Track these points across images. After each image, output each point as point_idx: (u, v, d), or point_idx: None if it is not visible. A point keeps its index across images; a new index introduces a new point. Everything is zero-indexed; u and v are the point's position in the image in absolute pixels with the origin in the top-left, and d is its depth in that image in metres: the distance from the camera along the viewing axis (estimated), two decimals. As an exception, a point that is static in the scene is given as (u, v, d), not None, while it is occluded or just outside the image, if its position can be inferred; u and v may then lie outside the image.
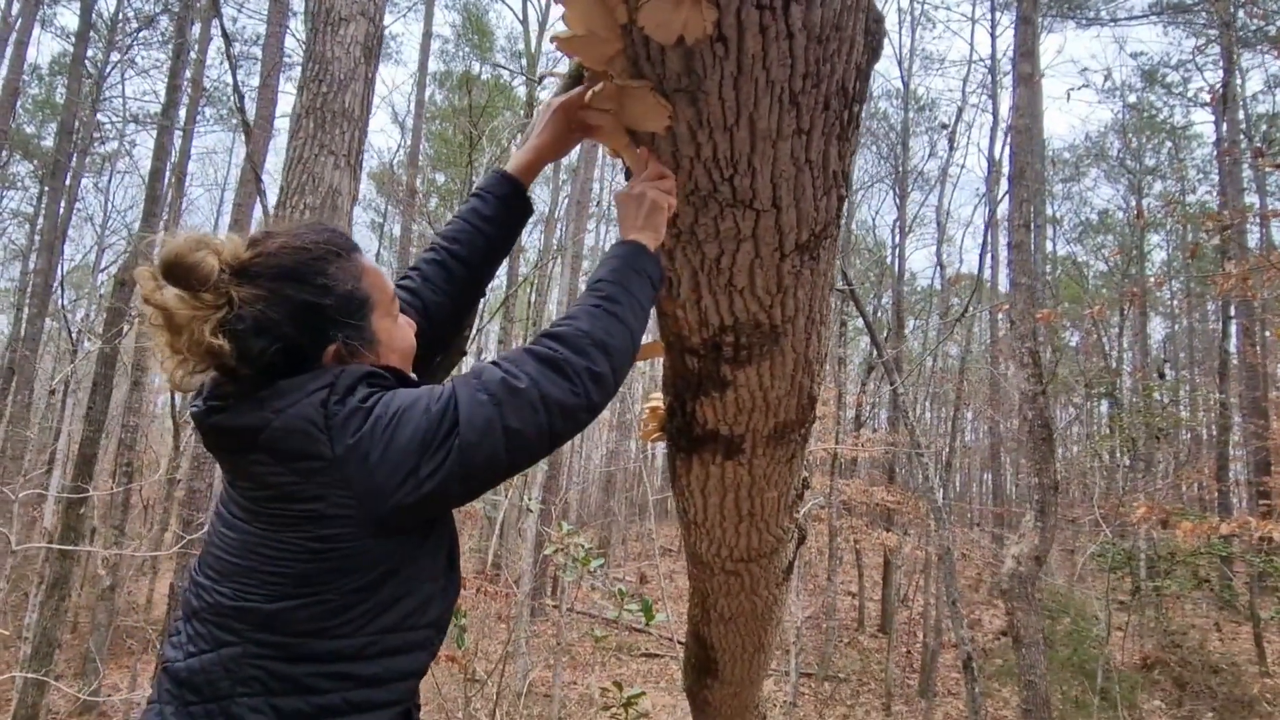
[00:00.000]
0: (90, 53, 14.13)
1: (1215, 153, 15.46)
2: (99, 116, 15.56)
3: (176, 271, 0.96)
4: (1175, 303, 21.37)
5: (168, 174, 11.49)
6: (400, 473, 0.92)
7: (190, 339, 0.96)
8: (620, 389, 1.09)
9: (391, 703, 1.00)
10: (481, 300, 1.45)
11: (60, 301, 13.80)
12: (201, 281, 0.96)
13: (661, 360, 1.27)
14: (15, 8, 13.50)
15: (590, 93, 0.96)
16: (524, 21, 17.38)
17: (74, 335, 13.50)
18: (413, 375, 1.16)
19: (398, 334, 1.14)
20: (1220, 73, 13.92)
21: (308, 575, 0.94)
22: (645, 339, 1.28)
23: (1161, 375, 16.26)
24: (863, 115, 0.97)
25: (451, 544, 1.10)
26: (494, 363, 0.99)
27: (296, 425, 0.94)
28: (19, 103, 14.23)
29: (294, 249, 1.04)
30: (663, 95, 0.86)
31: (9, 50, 11.97)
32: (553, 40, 0.91)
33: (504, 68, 18.14)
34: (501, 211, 1.32)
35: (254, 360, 0.98)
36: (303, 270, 1.02)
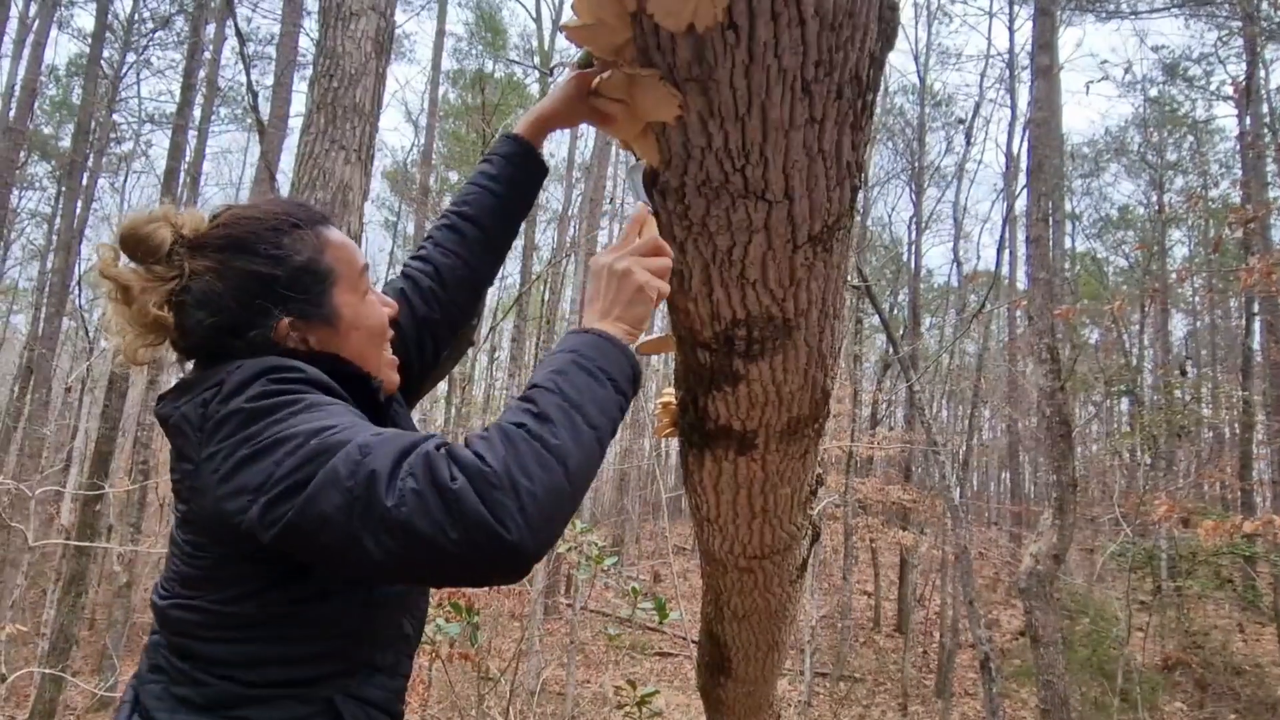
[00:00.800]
0: (106, 53, 14.30)
1: (1238, 146, 15.26)
2: (115, 117, 15.77)
3: (130, 243, 0.95)
4: (1197, 299, 21.09)
5: (183, 174, 11.60)
6: (235, 503, 0.80)
7: (139, 310, 0.94)
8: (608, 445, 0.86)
9: (304, 697, 0.90)
10: (495, 279, 1.41)
11: (77, 301, 13.99)
12: (152, 253, 0.95)
13: (673, 356, 1.25)
14: (33, 9, 13.71)
15: (599, 79, 0.94)
16: (537, 19, 17.43)
17: (91, 334, 13.68)
18: (387, 356, 1.09)
19: (364, 311, 1.04)
20: (1243, 65, 13.72)
21: (188, 578, 0.91)
22: (657, 330, 1.27)
23: (1183, 372, 16.08)
24: (877, 104, 0.96)
25: None
26: (398, 451, 0.75)
27: (181, 424, 0.89)
28: (36, 103, 14.42)
29: (247, 219, 0.99)
30: (673, 84, 0.85)
31: (26, 51, 12.14)
32: (562, 29, 0.90)
33: (517, 63, 18.19)
34: (508, 170, 1.29)
35: (191, 333, 0.95)
36: (254, 240, 0.97)
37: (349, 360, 1.01)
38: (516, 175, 1.30)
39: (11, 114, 11.33)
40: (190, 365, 1.02)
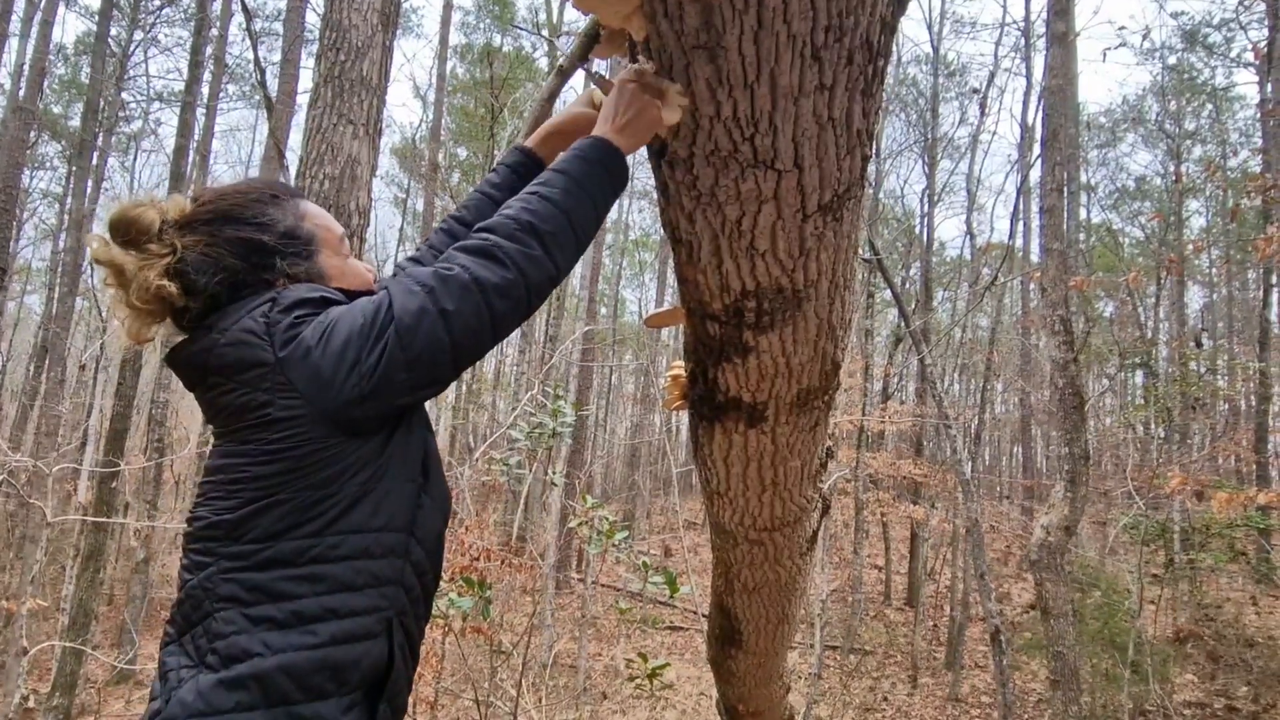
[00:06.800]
0: (114, 31, 14.25)
1: (1259, 114, 14.95)
2: (124, 95, 15.76)
3: (120, 227, 1.02)
4: (1214, 270, 20.81)
5: (192, 152, 11.57)
6: (344, 366, 0.94)
7: (139, 287, 1.01)
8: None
9: (371, 609, 0.99)
10: None
11: (90, 280, 14.06)
12: (143, 233, 1.03)
13: (683, 328, 1.25)
14: (41, -12, 13.60)
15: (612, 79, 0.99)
16: (545, -8, 17.19)
17: (104, 313, 13.77)
18: None
19: (349, 270, 1.16)
20: (1265, 30, 13.40)
21: (266, 477, 0.96)
22: (667, 303, 1.27)
23: (1199, 344, 15.86)
24: (888, 72, 0.94)
25: (426, 454, 1.09)
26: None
27: (239, 337, 0.98)
28: (46, 83, 14.40)
29: (231, 194, 1.10)
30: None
31: (35, 30, 12.08)
32: (568, -4, 0.89)
33: (524, 30, 17.97)
34: (512, 179, 1.36)
35: (200, 293, 1.03)
36: (239, 211, 1.08)
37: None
38: (519, 185, 1.33)
39: (21, 93, 11.30)
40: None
